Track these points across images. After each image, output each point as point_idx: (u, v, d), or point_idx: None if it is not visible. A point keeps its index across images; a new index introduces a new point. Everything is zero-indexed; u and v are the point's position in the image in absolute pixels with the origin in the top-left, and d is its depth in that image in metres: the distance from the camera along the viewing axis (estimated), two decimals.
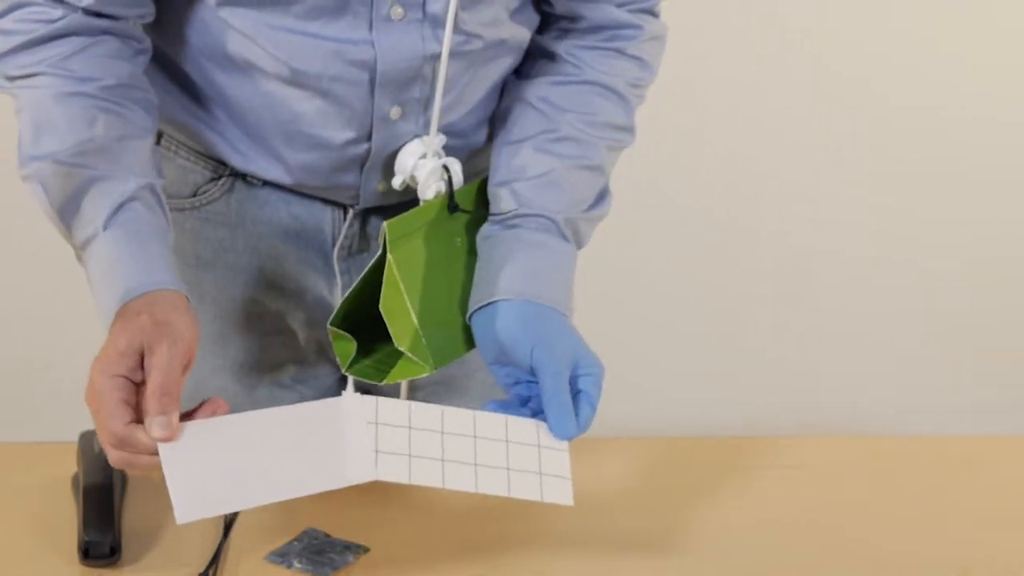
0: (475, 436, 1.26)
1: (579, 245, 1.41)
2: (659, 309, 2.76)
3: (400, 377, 1.35)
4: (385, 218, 1.44)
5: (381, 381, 1.36)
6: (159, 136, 1.45)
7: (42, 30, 1.29)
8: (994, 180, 2.72)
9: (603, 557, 1.33)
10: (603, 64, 1.43)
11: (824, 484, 1.46)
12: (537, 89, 1.43)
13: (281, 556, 1.30)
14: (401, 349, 1.32)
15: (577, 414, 1.28)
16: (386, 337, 1.33)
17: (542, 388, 1.28)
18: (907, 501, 1.44)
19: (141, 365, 1.19)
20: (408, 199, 1.42)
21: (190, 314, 1.23)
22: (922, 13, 2.62)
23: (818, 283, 2.76)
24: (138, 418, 1.17)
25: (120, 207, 1.26)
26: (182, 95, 1.41)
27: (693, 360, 2.79)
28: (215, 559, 1.29)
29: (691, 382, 2.80)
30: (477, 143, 1.46)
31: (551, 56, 1.44)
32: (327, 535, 1.33)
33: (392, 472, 1.22)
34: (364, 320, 1.34)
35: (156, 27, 1.39)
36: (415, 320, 1.33)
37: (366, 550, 1.32)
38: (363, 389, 1.62)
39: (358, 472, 1.21)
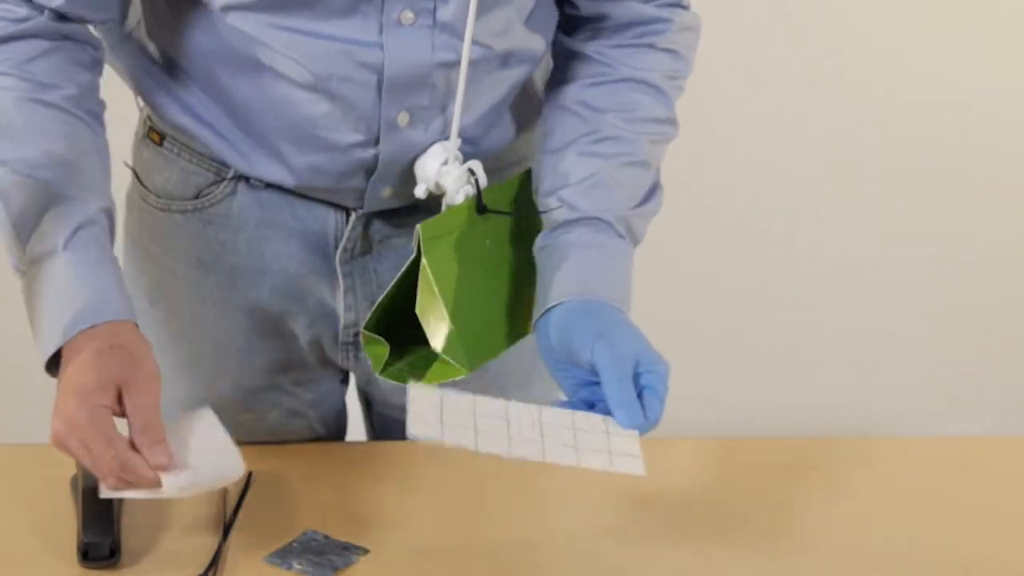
0: (541, 423, 1.25)
1: (635, 242, 1.40)
2: (662, 311, 2.75)
3: (435, 379, 1.34)
4: (388, 222, 1.44)
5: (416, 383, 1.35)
6: (162, 138, 1.45)
7: (7, 29, 1.27)
8: (997, 180, 2.72)
9: (605, 558, 1.33)
10: (637, 60, 1.41)
11: (825, 484, 1.46)
12: (574, 93, 1.42)
13: (281, 557, 1.30)
14: (436, 351, 1.32)
15: (645, 408, 1.25)
16: (419, 340, 1.32)
17: (604, 383, 1.26)
18: (907, 501, 1.44)
19: (119, 399, 1.20)
20: (411, 203, 1.42)
21: (150, 347, 1.25)
22: (928, 12, 2.62)
23: (820, 284, 2.76)
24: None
25: (79, 228, 1.25)
26: (186, 98, 1.40)
27: (696, 362, 2.78)
28: (215, 561, 1.29)
29: (694, 384, 2.79)
30: (488, 149, 1.44)
31: (584, 59, 1.43)
32: (327, 536, 1.33)
33: (455, 438, 1.20)
34: (397, 323, 1.34)
35: (161, 30, 1.38)
36: (450, 322, 1.33)
37: (366, 551, 1.32)
38: (364, 391, 1.63)
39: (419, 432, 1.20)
